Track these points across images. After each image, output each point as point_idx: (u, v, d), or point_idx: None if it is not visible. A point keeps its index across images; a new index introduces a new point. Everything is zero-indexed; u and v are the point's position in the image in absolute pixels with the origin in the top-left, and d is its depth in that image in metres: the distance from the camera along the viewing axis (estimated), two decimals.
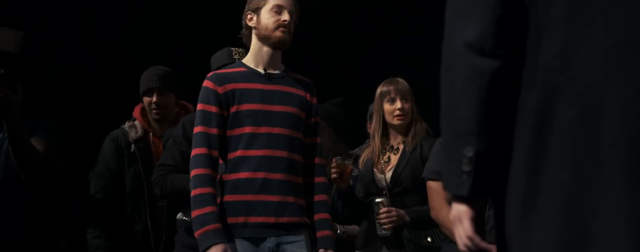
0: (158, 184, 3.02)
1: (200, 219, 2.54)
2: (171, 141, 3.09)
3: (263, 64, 2.75)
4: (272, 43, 2.71)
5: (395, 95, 3.32)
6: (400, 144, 3.35)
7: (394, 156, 3.34)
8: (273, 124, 2.66)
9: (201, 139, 2.62)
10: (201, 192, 2.56)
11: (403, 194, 3.27)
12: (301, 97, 2.76)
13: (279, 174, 2.63)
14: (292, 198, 2.65)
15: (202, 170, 2.58)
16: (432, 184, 3.12)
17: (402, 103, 3.31)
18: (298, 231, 2.65)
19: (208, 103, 2.65)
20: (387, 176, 3.30)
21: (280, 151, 2.64)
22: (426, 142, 3.30)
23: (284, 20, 2.69)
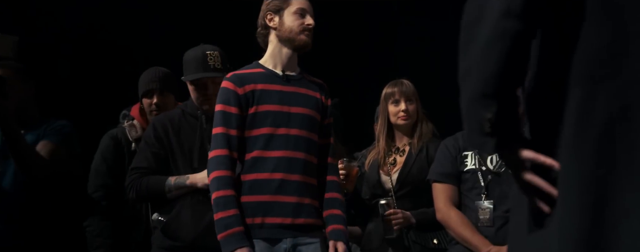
0: (133, 188, 2.96)
1: (223, 221, 2.54)
2: (143, 142, 3.05)
3: (281, 65, 2.76)
4: (296, 46, 2.72)
5: (400, 97, 3.32)
6: (406, 146, 3.35)
7: (400, 158, 3.34)
8: (291, 125, 2.67)
9: (221, 140, 2.62)
10: (224, 194, 2.57)
11: (409, 196, 3.27)
12: (317, 99, 2.78)
13: (296, 176, 2.63)
14: (308, 199, 2.65)
15: (223, 172, 2.59)
16: (438, 186, 3.12)
17: (407, 104, 3.31)
18: (314, 233, 2.65)
19: (228, 104, 2.65)
20: (393, 178, 3.29)
21: (298, 152, 2.65)
22: (432, 144, 3.29)
23: (308, 23, 2.70)
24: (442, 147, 3.18)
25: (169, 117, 3.06)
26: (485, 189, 3.03)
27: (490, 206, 3.01)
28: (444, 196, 3.09)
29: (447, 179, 3.11)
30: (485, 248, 2.93)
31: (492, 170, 3.06)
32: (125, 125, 3.40)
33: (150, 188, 2.94)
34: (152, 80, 3.38)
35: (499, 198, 3.01)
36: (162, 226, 2.92)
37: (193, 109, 3.06)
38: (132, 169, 3.01)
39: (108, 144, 3.35)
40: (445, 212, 3.06)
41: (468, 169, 3.09)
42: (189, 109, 3.07)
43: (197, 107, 3.05)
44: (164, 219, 2.92)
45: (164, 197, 2.93)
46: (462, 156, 3.12)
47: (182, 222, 2.90)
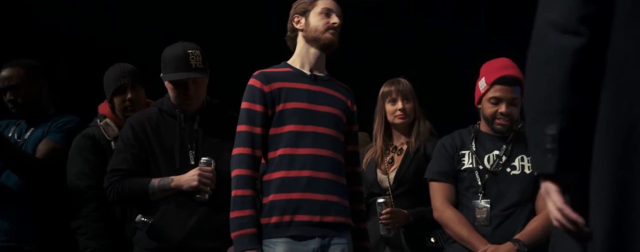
0: (113, 190, 2.91)
1: (238, 221, 2.55)
2: (121, 142, 2.98)
3: (309, 65, 2.77)
4: (322, 44, 2.73)
5: (397, 96, 3.33)
6: (404, 145, 3.36)
7: (398, 157, 3.34)
8: (318, 123, 2.67)
9: (245, 138, 2.62)
10: (242, 194, 2.57)
11: (406, 194, 3.27)
12: (343, 102, 2.79)
13: (324, 173, 2.64)
14: (337, 198, 2.66)
15: (244, 171, 2.59)
16: (435, 185, 3.12)
17: (404, 103, 3.32)
18: (343, 233, 2.66)
19: (253, 101, 2.66)
20: (390, 177, 3.30)
21: (325, 150, 2.66)
22: (430, 143, 3.30)
23: (333, 22, 2.72)
24: (439, 146, 3.18)
25: (146, 117, 2.99)
26: (482, 188, 3.04)
27: (487, 205, 3.01)
28: (441, 194, 3.09)
29: (444, 178, 3.11)
30: (482, 247, 2.94)
31: (489, 169, 3.07)
32: (100, 124, 3.30)
33: (133, 190, 2.90)
34: (122, 76, 3.30)
35: (496, 197, 3.02)
36: (147, 227, 2.89)
37: (170, 107, 2.98)
38: (111, 171, 2.94)
39: (86, 144, 3.25)
40: (443, 211, 3.06)
41: (465, 168, 3.09)
42: (166, 107, 3.00)
43: (175, 106, 2.98)
44: (149, 220, 2.89)
45: (146, 199, 2.90)
46: (459, 154, 3.12)
47: (168, 223, 2.87)
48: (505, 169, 3.06)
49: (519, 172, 3.05)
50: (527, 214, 3.02)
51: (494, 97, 3.04)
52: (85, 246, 3.19)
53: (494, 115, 3.05)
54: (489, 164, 3.08)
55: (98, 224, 3.19)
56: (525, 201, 3.02)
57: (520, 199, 3.02)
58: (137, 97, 3.31)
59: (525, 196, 3.03)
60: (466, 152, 3.12)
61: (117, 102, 3.32)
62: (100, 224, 3.19)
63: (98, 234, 3.18)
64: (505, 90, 3.03)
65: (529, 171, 3.05)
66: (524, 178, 3.04)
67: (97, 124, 3.33)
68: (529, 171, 3.05)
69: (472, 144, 3.13)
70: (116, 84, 3.31)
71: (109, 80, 3.35)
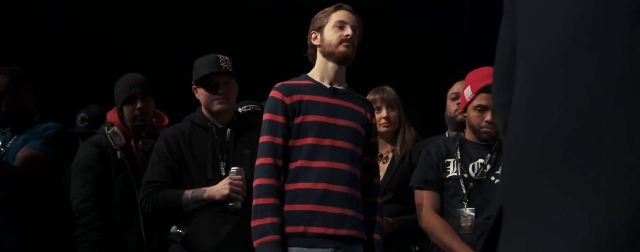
0: (149, 202, 2.99)
1: (260, 229, 2.58)
2: (155, 155, 3.05)
3: (328, 79, 2.80)
4: (337, 58, 2.76)
5: (381, 104, 3.34)
6: (389, 153, 3.36)
7: (383, 165, 3.34)
8: (337, 137, 2.70)
9: (267, 148, 2.66)
10: (263, 203, 2.60)
11: (391, 202, 3.27)
12: (363, 115, 2.81)
13: (339, 187, 2.65)
14: (352, 211, 2.67)
15: (266, 180, 2.63)
16: (420, 193, 3.13)
17: (388, 111, 3.33)
18: (355, 246, 2.67)
19: (275, 113, 2.69)
20: None
21: (342, 163, 2.68)
22: (415, 151, 3.30)
23: (346, 35, 2.73)
24: (424, 154, 3.19)
25: (179, 130, 3.08)
26: (467, 197, 3.04)
27: (472, 213, 3.02)
28: (426, 202, 3.09)
29: (429, 186, 3.11)
30: None
31: (473, 177, 3.07)
32: (108, 132, 3.34)
33: (167, 202, 2.96)
34: (133, 86, 3.34)
35: (481, 205, 3.02)
36: (181, 238, 2.93)
37: (202, 120, 3.08)
38: (147, 183, 3.01)
39: (92, 152, 3.27)
40: (428, 219, 3.06)
41: (450, 176, 3.10)
42: (198, 120, 3.09)
43: (207, 118, 3.07)
44: (183, 231, 2.92)
45: (180, 211, 2.95)
46: (444, 162, 3.13)
47: (202, 234, 2.92)
48: (490, 177, 3.07)
49: None
50: None
51: (480, 105, 3.05)
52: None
53: (480, 124, 3.06)
54: (473, 173, 3.09)
55: (97, 233, 3.20)
56: None
57: None
58: (147, 107, 3.36)
59: None
60: (451, 160, 3.13)
61: (126, 111, 3.36)
62: (100, 234, 3.20)
63: (97, 244, 3.19)
64: (491, 98, 3.04)
65: None
66: None
67: (104, 132, 3.36)
68: None
69: (457, 152, 3.13)
70: (127, 94, 3.35)
71: (119, 90, 3.40)
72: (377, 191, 2.84)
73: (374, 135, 2.86)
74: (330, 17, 2.78)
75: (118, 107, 3.40)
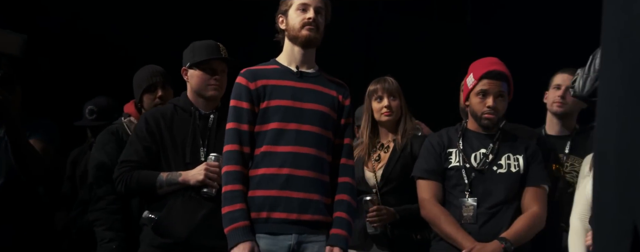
0: (122, 181, 2.96)
1: (229, 215, 2.58)
2: (134, 135, 3.05)
3: (296, 62, 2.77)
4: (301, 42, 2.73)
5: (383, 93, 3.34)
6: (391, 142, 3.36)
7: (384, 154, 3.34)
8: (303, 121, 2.67)
9: (233, 135, 2.65)
10: (232, 189, 2.60)
11: (393, 192, 3.27)
12: (333, 97, 2.77)
13: (304, 171, 2.64)
14: (317, 196, 2.65)
15: (233, 167, 2.62)
16: (422, 183, 3.13)
17: (389, 100, 3.33)
18: (320, 231, 2.64)
19: (240, 99, 2.68)
20: (377, 174, 3.30)
21: (307, 147, 2.65)
22: (416, 141, 3.30)
23: (309, 18, 2.69)
24: (426, 144, 3.19)
25: (160, 112, 3.07)
26: (469, 186, 3.05)
27: (474, 203, 3.02)
28: (428, 192, 3.10)
29: (431, 176, 3.12)
30: (468, 245, 2.95)
31: (475, 167, 3.08)
32: (124, 121, 3.41)
33: (141, 182, 2.94)
34: (154, 75, 3.41)
35: (483, 195, 3.03)
36: (153, 223, 2.91)
37: (186, 104, 3.07)
38: (122, 162, 3.00)
39: (109, 139, 3.34)
40: (429, 208, 3.07)
41: (452, 166, 3.10)
42: (182, 103, 3.08)
43: (191, 103, 3.06)
44: (155, 216, 2.91)
45: (154, 192, 2.93)
46: (446, 152, 3.13)
47: (175, 219, 2.90)
48: (492, 167, 3.07)
49: (505, 170, 3.07)
50: (513, 212, 3.03)
51: (482, 90, 3.06)
52: (103, 237, 3.24)
53: (482, 110, 3.07)
54: (475, 162, 3.09)
55: (115, 215, 3.24)
56: (511, 199, 3.04)
57: (506, 197, 3.03)
58: (167, 96, 3.41)
59: (511, 194, 3.04)
60: (453, 150, 3.13)
61: (147, 100, 3.42)
62: (118, 216, 3.24)
63: (115, 226, 3.23)
64: (493, 84, 3.06)
65: (515, 170, 3.07)
66: (510, 176, 3.05)
67: (121, 121, 3.43)
68: (515, 170, 3.07)
69: (459, 142, 3.14)
70: (148, 82, 3.42)
71: (140, 79, 3.46)
72: (348, 172, 2.77)
73: (346, 116, 2.81)
74: (294, 0, 2.73)
75: (138, 97, 3.46)
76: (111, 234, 3.23)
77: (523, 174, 3.06)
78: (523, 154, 3.09)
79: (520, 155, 3.09)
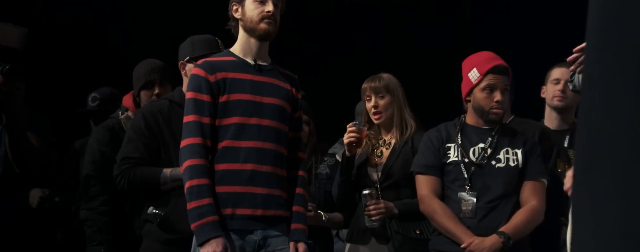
0: (124, 178, 2.94)
1: (197, 211, 2.51)
2: (132, 132, 3.02)
3: (252, 55, 2.71)
4: (258, 35, 2.67)
5: (370, 93, 3.31)
6: (393, 138, 3.35)
7: (386, 150, 3.34)
8: (263, 115, 2.64)
9: (194, 128, 2.58)
10: (198, 184, 2.53)
11: (393, 187, 3.28)
12: (288, 91, 2.74)
13: (266, 167, 2.61)
14: (278, 191, 2.64)
15: (197, 160, 2.55)
16: (421, 178, 3.14)
17: (377, 100, 3.29)
18: (282, 226, 2.64)
19: (200, 91, 2.61)
20: (378, 170, 3.30)
21: (268, 143, 2.63)
22: (417, 136, 3.30)
23: (268, 11, 2.63)
24: (425, 139, 3.19)
25: (157, 107, 3.04)
26: (468, 181, 3.05)
27: (473, 197, 3.03)
28: (427, 187, 3.10)
29: (430, 171, 3.12)
30: (467, 239, 2.95)
31: (474, 162, 3.08)
32: (121, 117, 3.37)
33: (145, 179, 2.92)
34: (152, 71, 3.37)
35: (481, 190, 3.03)
36: (159, 219, 2.90)
37: (182, 99, 3.00)
38: (123, 159, 2.97)
39: (104, 135, 3.30)
40: (428, 203, 3.07)
41: (451, 160, 3.11)
42: (177, 98, 3.05)
43: None
44: (160, 212, 2.90)
45: (158, 188, 2.91)
46: (444, 147, 3.13)
47: (181, 214, 2.85)
48: (491, 161, 3.08)
49: (503, 165, 3.07)
50: (512, 206, 3.04)
51: (489, 85, 3.06)
52: (92, 239, 3.23)
53: (490, 104, 3.06)
54: (474, 157, 3.09)
55: (105, 218, 3.22)
56: (510, 193, 3.05)
57: (505, 191, 3.04)
58: (165, 93, 3.36)
59: (510, 188, 3.05)
60: (452, 145, 3.13)
61: (144, 96, 3.38)
62: (107, 218, 3.22)
63: (104, 228, 3.21)
64: (499, 78, 3.06)
65: (513, 164, 3.07)
66: (509, 171, 3.06)
67: (118, 116, 3.38)
68: (513, 164, 3.07)
69: (458, 136, 3.14)
70: (145, 79, 3.37)
71: (138, 74, 3.42)
72: (300, 165, 2.76)
73: (298, 110, 2.79)
74: None
75: (136, 92, 3.42)
76: (99, 236, 3.21)
77: (522, 168, 3.07)
78: (521, 148, 3.10)
79: (519, 149, 3.09)
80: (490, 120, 3.11)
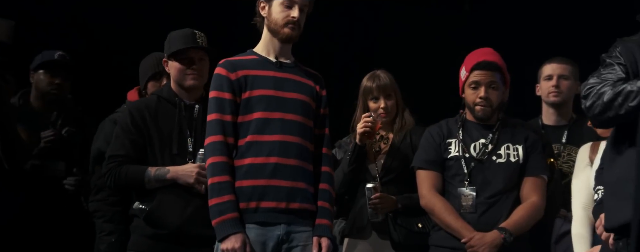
0: (111, 176, 2.94)
1: (218, 208, 2.56)
2: (119, 129, 3.02)
3: (274, 52, 2.75)
4: (281, 38, 2.72)
5: (378, 94, 3.31)
6: (390, 134, 3.37)
7: (384, 146, 3.36)
8: (286, 110, 2.67)
9: (216, 126, 2.63)
10: (219, 181, 2.58)
11: (394, 182, 3.29)
12: (312, 88, 2.78)
13: (291, 160, 2.64)
14: (303, 184, 2.66)
15: (219, 158, 2.60)
16: (422, 173, 3.15)
17: (385, 101, 3.30)
18: (307, 221, 2.65)
19: (221, 90, 2.66)
20: (378, 165, 3.31)
21: (293, 136, 2.66)
22: (415, 132, 3.31)
23: (293, 16, 2.67)
24: (426, 135, 3.20)
25: (145, 104, 3.05)
26: (468, 176, 3.07)
27: (473, 192, 3.04)
28: (428, 182, 3.11)
29: (431, 166, 3.13)
30: (468, 234, 2.97)
31: (475, 157, 3.09)
32: None
33: (129, 178, 2.93)
34: (159, 64, 3.36)
35: (482, 185, 3.05)
36: (145, 214, 2.90)
37: (170, 95, 3.04)
38: (110, 157, 2.97)
39: (110, 128, 3.31)
40: (429, 198, 3.08)
41: (451, 156, 3.12)
42: (165, 94, 3.05)
43: (175, 94, 3.03)
44: (146, 207, 2.91)
45: (142, 187, 2.92)
46: (445, 143, 3.15)
47: (166, 209, 2.90)
48: (491, 157, 3.09)
49: (504, 160, 3.08)
50: (512, 201, 3.05)
51: (474, 81, 3.08)
52: (102, 229, 3.25)
53: (474, 101, 3.08)
54: (475, 152, 3.10)
55: (115, 208, 3.25)
56: (510, 188, 3.06)
57: (505, 186, 3.05)
58: None
59: (511, 183, 3.06)
60: (453, 140, 3.15)
61: (152, 87, 3.41)
62: (117, 208, 3.25)
63: (115, 218, 3.24)
64: (484, 74, 3.08)
65: (514, 159, 3.08)
66: (509, 166, 3.07)
67: (123, 109, 3.37)
68: (514, 159, 3.08)
69: (459, 132, 3.15)
70: (153, 70, 3.40)
71: (146, 67, 3.45)
72: (328, 161, 2.80)
73: (324, 107, 2.81)
74: None
75: (143, 84, 3.45)
76: (111, 226, 3.24)
77: (522, 164, 3.08)
78: (522, 144, 3.11)
79: (520, 145, 3.10)
80: (477, 117, 3.12)
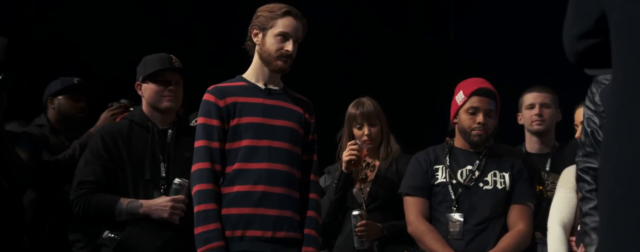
0: (80, 204, 2.89)
1: (203, 236, 2.54)
2: (89, 153, 2.96)
3: (263, 80, 2.75)
4: (272, 69, 2.71)
5: (362, 121, 3.30)
6: (376, 161, 3.36)
7: (371, 173, 3.35)
8: (274, 137, 2.66)
9: (204, 153, 2.61)
10: (205, 208, 2.56)
11: (380, 209, 3.28)
12: (300, 114, 2.77)
13: (278, 188, 2.63)
14: (290, 213, 2.65)
15: (206, 185, 2.58)
16: (409, 199, 3.15)
17: (369, 128, 3.29)
18: (293, 249, 2.64)
19: (209, 116, 2.65)
20: (364, 192, 3.30)
21: (280, 164, 2.65)
22: (401, 159, 3.31)
23: (287, 50, 2.66)
24: (413, 161, 3.21)
25: (116, 128, 3.01)
26: (455, 202, 3.06)
27: (461, 218, 3.04)
28: (415, 209, 3.11)
29: (418, 193, 3.13)
30: None
31: (462, 183, 3.09)
32: None
33: (99, 208, 2.88)
34: None
35: (469, 211, 3.05)
36: (116, 243, 2.85)
37: (143, 119, 3.01)
38: (79, 183, 2.92)
39: None
40: (416, 225, 3.08)
41: (439, 182, 3.12)
42: (138, 118, 3.02)
43: (147, 118, 3.01)
44: (116, 236, 2.85)
45: (112, 218, 2.87)
46: (432, 169, 3.15)
47: (137, 241, 2.85)
48: (478, 183, 3.09)
49: (491, 187, 3.09)
50: (500, 229, 3.05)
51: (472, 107, 3.08)
52: None
53: (471, 126, 3.08)
54: (462, 179, 3.10)
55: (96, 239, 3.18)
56: (497, 215, 3.06)
57: (492, 213, 3.05)
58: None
59: (498, 210, 3.06)
60: (440, 166, 3.15)
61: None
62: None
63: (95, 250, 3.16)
64: (483, 101, 3.09)
65: (501, 186, 3.09)
66: (496, 193, 3.07)
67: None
68: (501, 186, 3.09)
69: (446, 158, 3.15)
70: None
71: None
72: (315, 188, 2.78)
73: (312, 133, 2.81)
74: (276, 22, 2.67)
75: None
76: None
77: (509, 191, 3.08)
78: (509, 171, 3.12)
79: (506, 172, 3.11)
80: (472, 143, 3.13)
